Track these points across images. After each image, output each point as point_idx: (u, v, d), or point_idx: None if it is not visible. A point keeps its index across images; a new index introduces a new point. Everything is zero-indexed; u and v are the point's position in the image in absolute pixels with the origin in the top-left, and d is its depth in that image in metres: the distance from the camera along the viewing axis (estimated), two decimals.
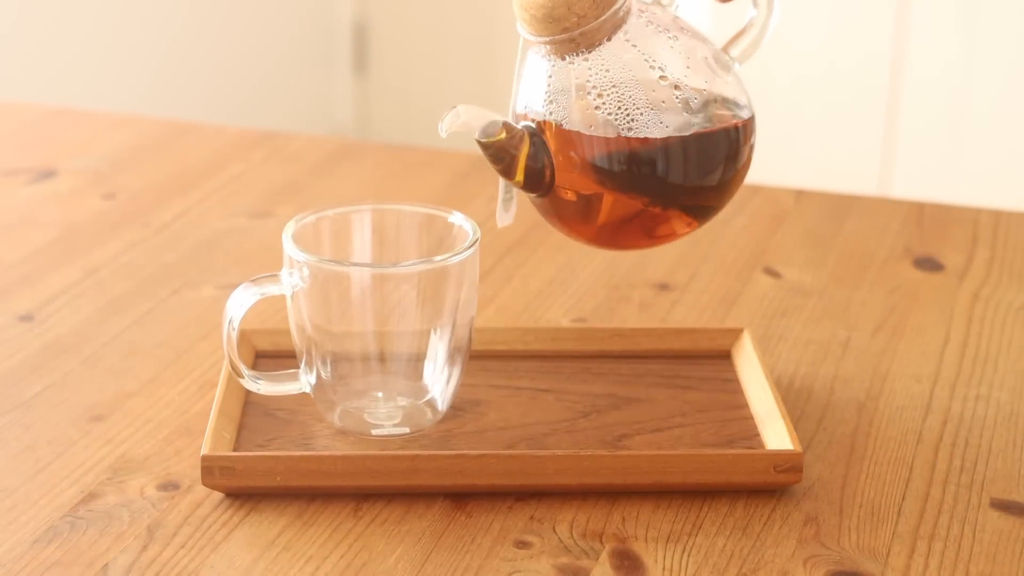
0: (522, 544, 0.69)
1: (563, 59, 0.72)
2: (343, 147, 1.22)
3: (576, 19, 0.70)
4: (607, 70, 0.72)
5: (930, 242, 1.03)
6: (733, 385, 0.82)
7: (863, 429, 0.79)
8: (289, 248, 0.74)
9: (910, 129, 2.25)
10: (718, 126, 0.73)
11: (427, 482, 0.72)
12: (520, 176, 0.73)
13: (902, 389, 0.84)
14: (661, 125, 0.72)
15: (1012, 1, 2.14)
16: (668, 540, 0.70)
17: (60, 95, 2.23)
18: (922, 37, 2.22)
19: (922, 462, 0.76)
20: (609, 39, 0.72)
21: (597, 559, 0.69)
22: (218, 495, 0.73)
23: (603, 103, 0.72)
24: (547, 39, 0.71)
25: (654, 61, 0.72)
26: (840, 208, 1.09)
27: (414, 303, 0.74)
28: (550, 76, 0.73)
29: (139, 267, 0.98)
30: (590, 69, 0.72)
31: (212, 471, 0.72)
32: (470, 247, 0.75)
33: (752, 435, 0.77)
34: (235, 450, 0.75)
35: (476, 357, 0.82)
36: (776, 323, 0.91)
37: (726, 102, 0.74)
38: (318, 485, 0.72)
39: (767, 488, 0.73)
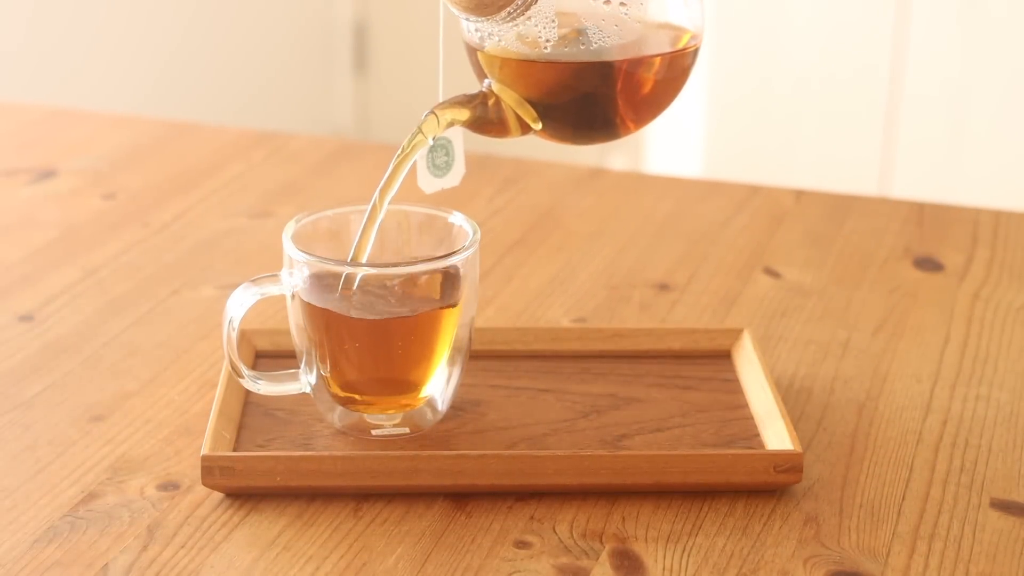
0: (522, 544, 0.70)
1: (507, 24, 0.72)
2: (343, 147, 1.22)
3: None
4: (552, 20, 0.72)
5: (930, 242, 1.03)
6: (733, 385, 0.82)
7: (863, 429, 0.79)
8: (289, 248, 0.74)
9: (910, 129, 2.25)
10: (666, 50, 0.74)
11: (427, 482, 0.72)
12: (516, 130, 0.74)
13: (902, 389, 0.84)
14: (613, 42, 0.72)
15: (1012, 1, 2.14)
16: (668, 540, 0.70)
17: (60, 95, 2.23)
18: (922, 38, 2.22)
19: (922, 462, 0.76)
20: None
21: (597, 559, 0.69)
22: (218, 495, 0.73)
23: (551, 44, 0.72)
24: (488, 18, 0.71)
25: None
26: (840, 208, 1.09)
27: None
28: (499, 40, 0.73)
29: (139, 267, 0.98)
30: (536, 25, 0.72)
31: (212, 471, 0.72)
32: (470, 247, 0.75)
33: (752, 435, 0.77)
34: (235, 450, 0.75)
35: (476, 357, 0.82)
36: (776, 323, 0.91)
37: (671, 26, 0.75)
38: (318, 485, 0.72)
39: (767, 488, 0.73)
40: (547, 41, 0.72)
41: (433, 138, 0.74)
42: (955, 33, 2.19)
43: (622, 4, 0.72)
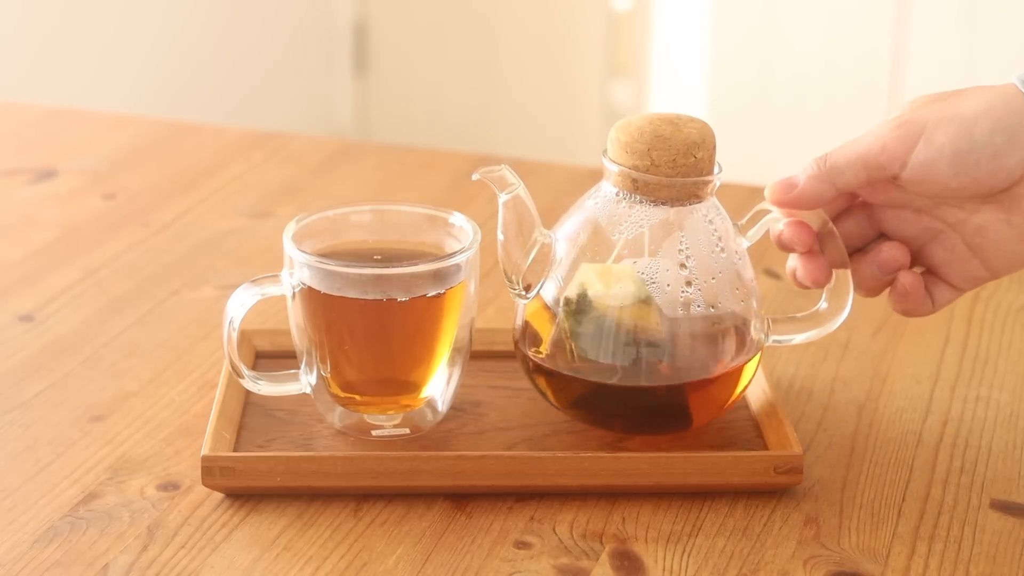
0: (522, 544, 0.70)
1: (616, 193, 0.74)
2: (343, 147, 1.22)
3: (648, 164, 0.73)
4: (641, 226, 0.74)
5: None
6: None
7: (863, 430, 0.79)
8: (289, 248, 0.74)
9: None
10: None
11: (427, 483, 0.72)
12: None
13: (902, 390, 0.84)
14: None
15: (1012, 1, 2.14)
16: (668, 541, 0.70)
17: (60, 95, 2.23)
18: (922, 35, 2.22)
19: (922, 463, 0.76)
20: (665, 204, 0.74)
21: (597, 560, 0.69)
22: (218, 495, 0.73)
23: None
24: (617, 167, 0.74)
25: (685, 256, 0.74)
26: None
27: None
28: (610, 217, 0.75)
29: (139, 267, 0.98)
30: (631, 215, 0.74)
31: (212, 471, 0.72)
32: (470, 247, 0.75)
33: (752, 436, 0.77)
34: (235, 450, 0.75)
35: (476, 357, 0.82)
36: None
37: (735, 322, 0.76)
38: (318, 485, 0.72)
39: (767, 489, 0.73)
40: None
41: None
42: (956, 32, 2.19)
43: (687, 284, 0.74)
